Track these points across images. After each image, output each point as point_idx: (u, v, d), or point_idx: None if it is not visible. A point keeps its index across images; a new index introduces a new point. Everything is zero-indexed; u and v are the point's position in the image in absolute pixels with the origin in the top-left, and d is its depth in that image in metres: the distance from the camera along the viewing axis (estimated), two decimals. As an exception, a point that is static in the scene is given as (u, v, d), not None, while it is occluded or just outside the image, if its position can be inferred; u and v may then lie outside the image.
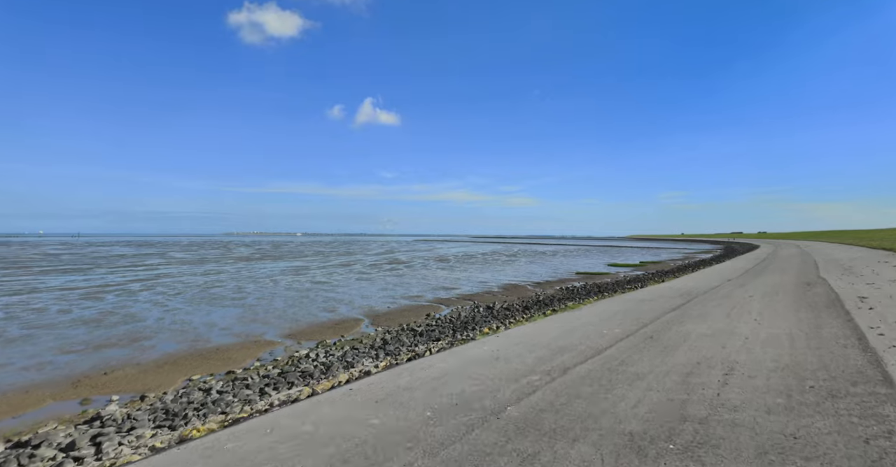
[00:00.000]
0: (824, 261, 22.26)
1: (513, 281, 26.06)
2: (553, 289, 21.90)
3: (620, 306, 9.91)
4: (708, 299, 10.22)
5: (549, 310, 13.16)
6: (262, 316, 13.65)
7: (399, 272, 31.30)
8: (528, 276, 28.80)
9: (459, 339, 8.84)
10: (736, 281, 15.28)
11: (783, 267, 20.79)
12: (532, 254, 65.11)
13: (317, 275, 28.61)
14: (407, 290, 21.00)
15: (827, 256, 26.13)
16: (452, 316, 13.93)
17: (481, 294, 20.25)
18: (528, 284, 24.64)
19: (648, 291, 13.14)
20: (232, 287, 21.41)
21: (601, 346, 6.21)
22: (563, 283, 25.13)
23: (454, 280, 26.26)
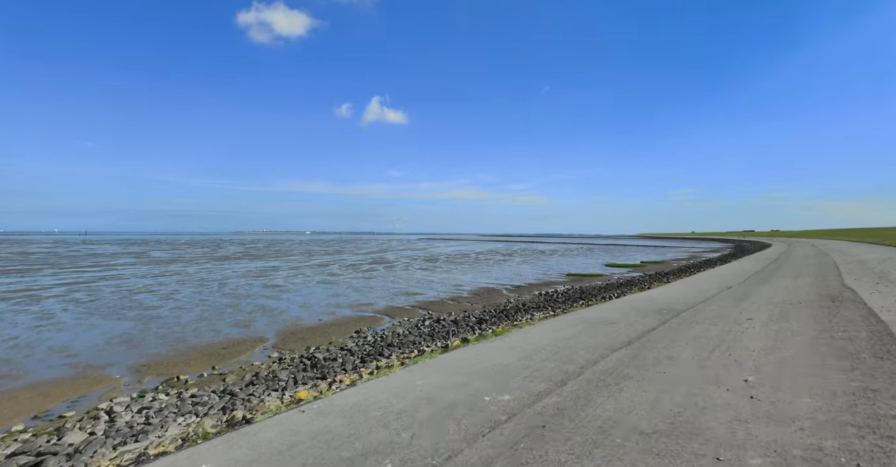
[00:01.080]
0: (847, 262, 19.18)
1: (492, 284, 23.34)
2: (529, 295, 19.17)
3: (562, 331, 7.11)
4: (688, 322, 7.37)
5: (491, 329, 10.46)
6: (146, 334, 11.14)
7: (373, 273, 28.73)
8: (512, 279, 26.04)
9: (336, 382, 6.18)
10: (737, 289, 12.43)
11: (797, 270, 17.80)
12: (530, 253, 62.24)
13: (279, 277, 26.15)
14: (363, 297, 18.41)
15: (849, 257, 22.97)
16: (385, 333, 11.30)
17: (445, 301, 17.58)
18: (507, 288, 21.93)
19: (620, 305, 10.35)
20: (165, 292, 19.00)
21: (454, 447, 3.40)
22: (546, 287, 22.37)
23: (427, 283, 23.62)
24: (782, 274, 16.30)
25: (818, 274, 15.11)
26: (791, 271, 17.37)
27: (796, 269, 17.90)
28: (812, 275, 14.64)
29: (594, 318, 8.23)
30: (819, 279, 13.25)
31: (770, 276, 15.64)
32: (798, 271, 16.95)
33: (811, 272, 16.13)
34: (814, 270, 16.89)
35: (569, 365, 5.06)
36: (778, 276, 15.38)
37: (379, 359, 7.94)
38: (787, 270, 17.87)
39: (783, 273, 16.63)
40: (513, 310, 14.62)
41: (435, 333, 10.92)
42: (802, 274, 15.57)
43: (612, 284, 22.09)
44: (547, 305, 15.27)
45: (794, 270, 17.64)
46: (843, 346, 5.55)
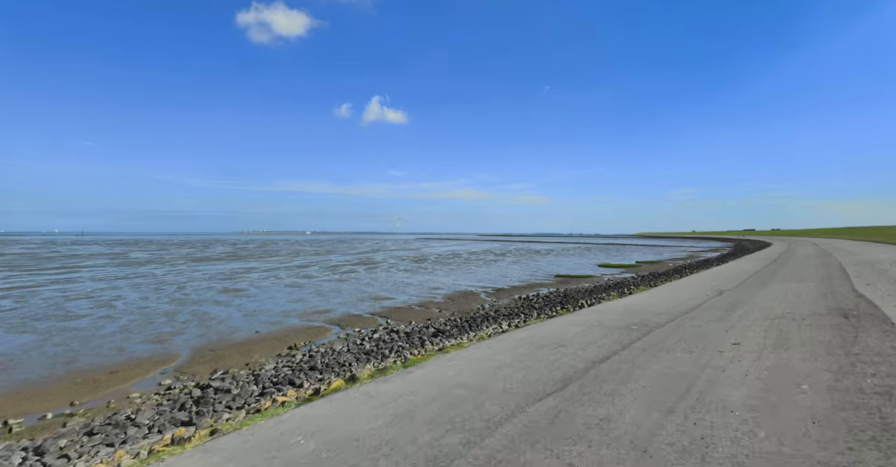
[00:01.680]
0: (854, 263, 17.55)
1: (473, 287, 21.74)
2: (508, 299, 17.57)
3: (492, 360, 5.33)
4: (655, 348, 5.70)
5: (448, 343, 8.86)
6: (34, 352, 9.49)
7: (351, 276, 27.13)
8: (497, 281, 24.44)
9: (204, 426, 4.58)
10: (729, 295, 10.82)
11: (799, 272, 16.19)
12: (524, 253, 60.64)
13: (247, 279, 24.56)
14: (324, 302, 16.82)
15: (855, 257, 21.33)
16: (321, 350, 9.71)
17: (413, 307, 15.99)
18: (488, 291, 20.34)
19: (587, 317, 8.75)
20: (107, 298, 17.42)
21: None
22: (530, 290, 20.79)
23: (404, 286, 22.03)
24: (782, 276, 14.68)
25: (823, 277, 13.48)
26: (792, 273, 15.74)
27: (798, 271, 16.28)
28: (816, 279, 13.02)
29: (543, 338, 6.60)
30: (825, 284, 11.63)
31: (769, 279, 14.02)
32: (800, 273, 15.33)
33: (815, 275, 14.51)
34: (818, 272, 15.27)
35: (451, 438, 3.37)
36: (777, 280, 13.75)
37: (280, 391, 6.34)
38: (788, 272, 16.25)
39: (783, 275, 15.00)
40: (480, 318, 13.04)
41: (378, 349, 9.33)
42: (805, 277, 13.94)
43: (599, 287, 20.50)
44: (520, 312, 13.69)
45: (795, 272, 16.01)
46: (879, 408, 3.49)
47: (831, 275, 13.49)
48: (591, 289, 19.37)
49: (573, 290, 19.34)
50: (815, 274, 14.59)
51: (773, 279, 14.01)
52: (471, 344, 6.65)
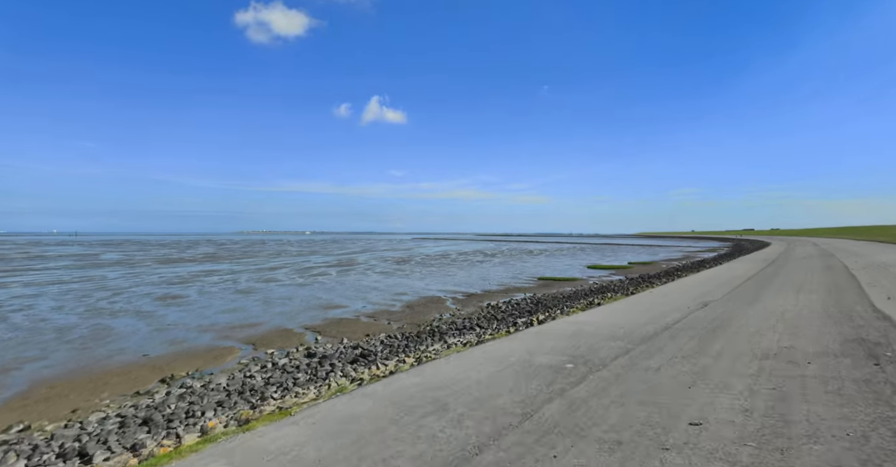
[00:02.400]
0: (862, 267, 15.60)
1: (444, 292, 19.75)
2: (473, 308, 15.59)
3: (308, 447, 3.49)
4: (577, 417, 3.61)
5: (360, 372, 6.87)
6: None
7: (318, 279, 25.11)
8: (473, 285, 22.46)
9: None
10: (713, 309, 8.85)
11: (799, 278, 14.22)
12: (516, 253, 58.64)
13: (200, 284, 22.53)
14: (263, 312, 14.85)
15: (863, 259, 19.33)
16: (193, 386, 7.69)
17: (362, 318, 14.00)
18: (458, 296, 18.36)
19: (519, 343, 6.72)
20: (16, 307, 15.45)
21: None
22: (505, 295, 18.80)
23: (368, 291, 20.05)
24: (779, 284, 12.70)
25: (829, 286, 11.50)
26: (791, 280, 13.76)
27: (798, 277, 14.29)
28: (821, 289, 11.05)
29: (432, 388, 4.55)
30: (832, 296, 9.65)
31: (763, 288, 12.05)
32: (800, 280, 13.34)
33: (819, 282, 12.52)
34: (822, 279, 13.28)
35: None
36: (773, 289, 11.77)
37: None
38: (786, 278, 14.26)
39: (781, 283, 13.03)
40: (427, 333, 11.06)
41: (266, 385, 7.32)
42: (806, 285, 11.95)
43: (579, 292, 18.52)
44: (476, 325, 11.71)
45: (794, 278, 14.03)
46: None
47: (839, 284, 11.47)
48: (567, 296, 17.38)
49: (549, 297, 17.35)
50: (818, 281, 12.60)
51: (767, 287, 12.01)
52: (334, 397, 4.63)
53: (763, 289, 11.62)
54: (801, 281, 12.82)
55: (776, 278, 14.13)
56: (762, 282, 13.50)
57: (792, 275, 14.92)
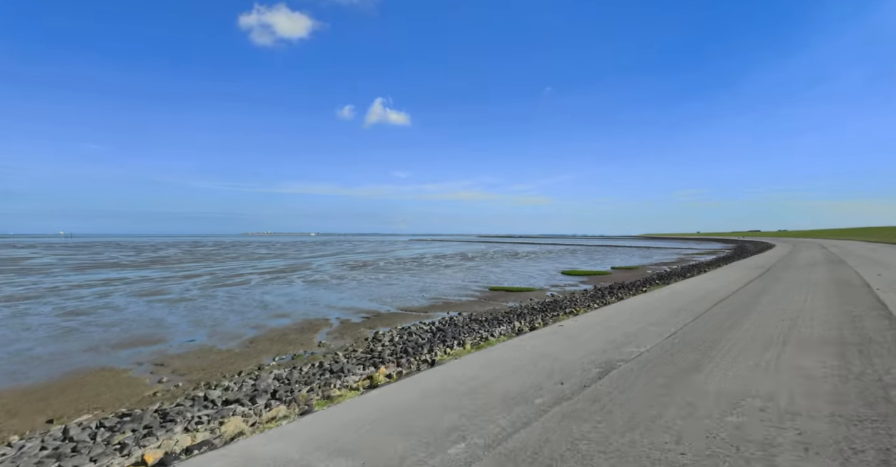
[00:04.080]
0: (889, 283, 11.40)
1: (353, 309, 15.76)
2: (348, 340, 11.53)
3: None
4: None
5: None
6: None
7: (216, 293, 21.12)
8: (402, 298, 18.43)
9: None
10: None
11: (794, 301, 10.04)
12: (496, 256, 54.49)
13: (119, 293, 18.65)
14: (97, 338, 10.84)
15: (889, 272, 15.03)
16: None
17: (131, 372, 9.96)
18: (352, 320, 14.32)
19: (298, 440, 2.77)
20: None
21: None
22: (420, 316, 14.72)
23: (248, 310, 16.05)
24: (762, 314, 8.53)
25: (842, 322, 7.33)
26: (784, 305, 9.58)
27: (794, 301, 10.08)
28: (827, 329, 6.89)
29: None
30: (851, 353, 5.52)
31: (734, 323, 7.88)
32: (796, 308, 9.16)
33: (824, 313, 8.32)
34: (829, 305, 9.10)
35: None
36: (748, 328, 7.57)
37: None
38: (777, 301, 10.07)
39: (765, 311, 8.85)
40: (158, 413, 6.99)
41: None
42: (803, 321, 7.76)
43: (518, 310, 14.43)
44: (305, 381, 7.61)
45: (789, 302, 9.84)
46: None
47: (860, 322, 7.22)
48: (495, 317, 13.29)
49: (470, 319, 13.27)
50: (824, 312, 8.40)
51: (739, 324, 7.81)
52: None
53: (732, 327, 7.43)
54: (797, 310, 8.61)
55: (760, 303, 9.92)
56: (739, 308, 9.31)
57: (786, 296, 10.69)
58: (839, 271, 15.67)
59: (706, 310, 9.07)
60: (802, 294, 10.69)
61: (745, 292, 11.66)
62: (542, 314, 13.80)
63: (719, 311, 8.90)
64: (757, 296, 10.89)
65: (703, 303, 10.21)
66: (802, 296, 10.30)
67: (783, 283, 13.17)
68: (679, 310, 9.24)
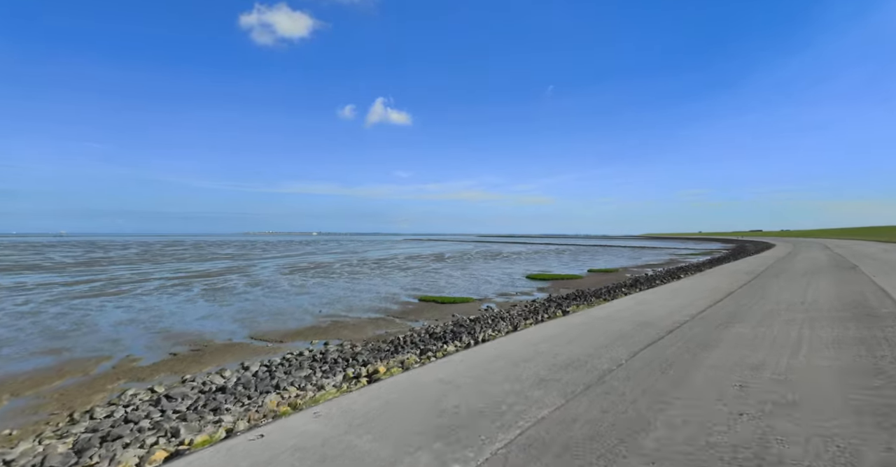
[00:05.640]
0: None
1: (224, 332, 11.76)
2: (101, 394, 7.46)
3: None
4: None
5: None
6: None
7: (77, 306, 17.20)
8: (296, 315, 14.50)
9: None
10: None
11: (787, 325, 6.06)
12: (473, 257, 50.65)
13: None
14: None
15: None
16: None
17: None
18: (189, 347, 10.32)
19: None
20: None
21: None
22: (264, 348, 10.68)
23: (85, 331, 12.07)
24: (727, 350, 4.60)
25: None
26: (762, 345, 5.63)
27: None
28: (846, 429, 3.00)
29: None
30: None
31: (678, 382, 3.99)
32: (798, 327, 5.22)
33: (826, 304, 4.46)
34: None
35: None
36: (681, 408, 3.60)
37: None
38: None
39: (734, 344, 4.95)
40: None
41: None
42: (778, 412, 3.83)
43: (407, 338, 10.39)
44: None
45: (771, 341, 5.88)
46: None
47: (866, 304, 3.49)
48: (334, 359, 9.29)
49: (308, 360, 9.29)
50: (836, 387, 4.49)
51: (683, 385, 3.87)
52: None
53: (633, 432, 3.51)
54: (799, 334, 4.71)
55: (719, 344, 5.93)
56: (676, 359, 5.33)
57: (764, 331, 6.66)
58: (850, 282, 11.57)
59: (619, 364, 5.08)
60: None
61: (706, 319, 7.62)
62: (437, 341, 9.85)
63: (636, 369, 4.90)
64: (723, 326, 6.85)
65: (635, 338, 6.22)
66: (796, 333, 6.30)
67: (766, 302, 9.11)
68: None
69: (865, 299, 8.39)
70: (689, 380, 4.39)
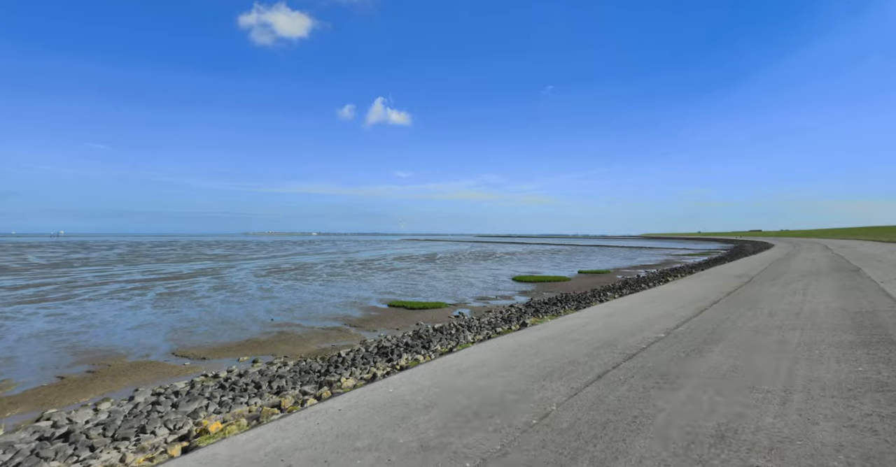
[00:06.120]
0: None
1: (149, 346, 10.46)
2: None
3: None
4: None
5: None
6: None
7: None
8: (244, 326, 13.19)
9: None
10: None
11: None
12: (467, 258, 49.40)
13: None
14: None
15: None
16: None
17: None
18: (86, 369, 9.02)
19: None
20: None
21: None
22: (163, 372, 9.38)
23: None
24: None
25: None
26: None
27: (765, 367, 4.77)
28: None
29: None
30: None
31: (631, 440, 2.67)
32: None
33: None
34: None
35: None
36: None
37: None
38: (731, 355, 4.77)
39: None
40: None
41: None
42: None
43: (345, 359, 9.07)
44: None
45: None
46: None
47: None
48: (271, 378, 8.00)
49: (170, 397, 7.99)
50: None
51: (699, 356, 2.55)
52: None
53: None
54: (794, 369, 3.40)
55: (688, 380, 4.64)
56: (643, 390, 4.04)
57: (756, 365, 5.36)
58: (855, 289, 10.23)
59: (546, 413, 3.76)
60: (777, 365, 5.26)
61: (680, 338, 6.29)
62: (381, 358, 8.55)
63: (564, 428, 3.55)
64: (696, 352, 5.52)
65: (584, 368, 4.91)
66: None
67: (756, 315, 7.79)
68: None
69: (876, 316, 7.05)
70: (628, 453, 3.05)
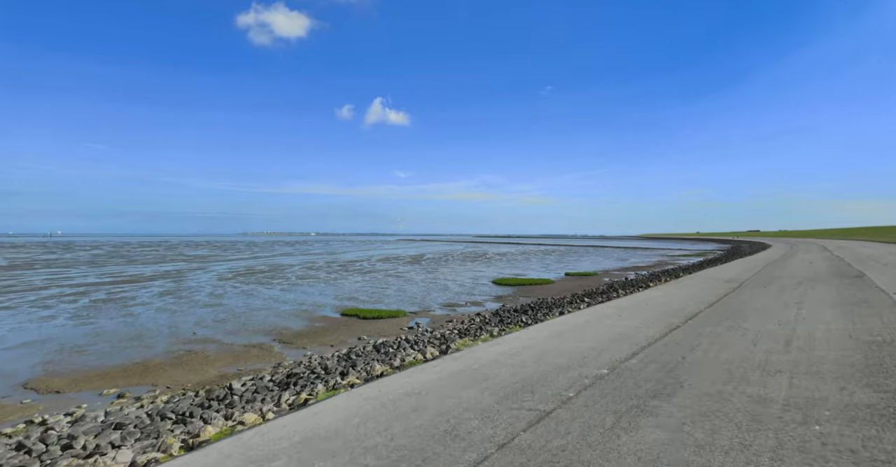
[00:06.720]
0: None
1: None
2: None
3: None
4: None
5: None
6: None
7: None
8: (158, 338, 11.58)
9: None
10: None
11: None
12: (455, 258, 47.89)
13: None
14: None
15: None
16: None
17: None
18: None
19: None
20: None
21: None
22: None
23: None
24: None
25: None
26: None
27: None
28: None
29: None
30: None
31: None
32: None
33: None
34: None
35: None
36: None
37: None
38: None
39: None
40: None
41: None
42: None
43: (265, 376, 7.40)
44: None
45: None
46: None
47: None
48: (103, 427, 6.30)
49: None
50: None
51: None
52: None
53: None
54: None
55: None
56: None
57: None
58: (863, 303, 8.57)
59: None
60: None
61: (625, 378, 4.65)
62: (283, 391, 6.89)
63: None
64: (637, 409, 3.88)
65: (465, 443, 3.28)
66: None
67: (735, 340, 6.16)
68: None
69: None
70: None
